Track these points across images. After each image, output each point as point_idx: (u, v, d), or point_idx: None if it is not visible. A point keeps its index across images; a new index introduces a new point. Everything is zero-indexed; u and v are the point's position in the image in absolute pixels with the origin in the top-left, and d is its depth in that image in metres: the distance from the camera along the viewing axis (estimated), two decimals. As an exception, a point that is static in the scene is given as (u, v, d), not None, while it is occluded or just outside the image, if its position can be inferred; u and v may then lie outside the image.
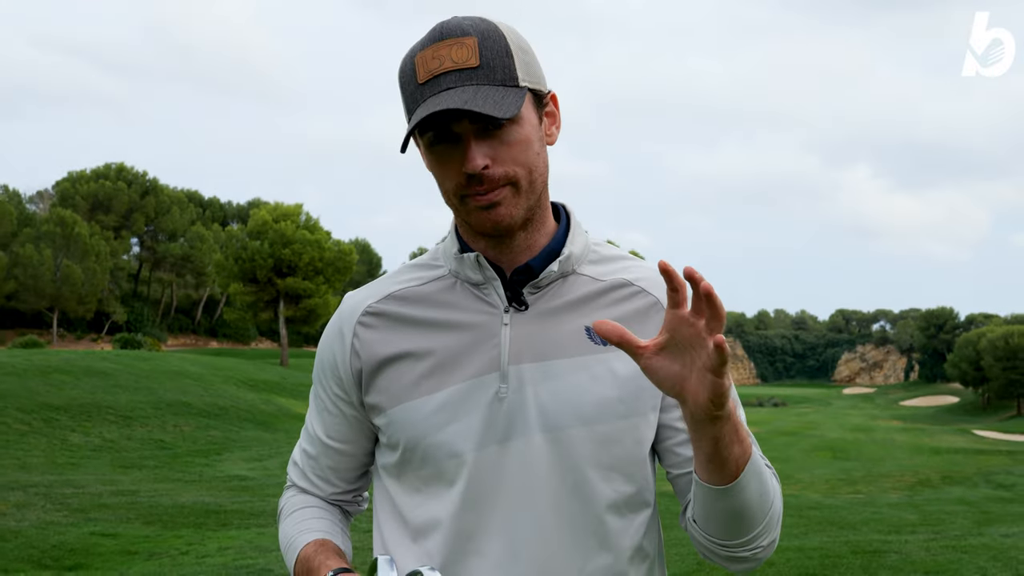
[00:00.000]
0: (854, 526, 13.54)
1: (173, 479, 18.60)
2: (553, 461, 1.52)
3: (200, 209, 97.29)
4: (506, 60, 1.47)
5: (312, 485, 1.76)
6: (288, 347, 66.34)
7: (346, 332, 1.65)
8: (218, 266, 65.25)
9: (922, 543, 11.13)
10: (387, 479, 1.65)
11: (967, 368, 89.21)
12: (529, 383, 1.53)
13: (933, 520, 14.60)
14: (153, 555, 11.07)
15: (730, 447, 1.37)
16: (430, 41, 1.47)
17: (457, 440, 1.54)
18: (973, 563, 9.55)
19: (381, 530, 1.65)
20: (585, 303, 1.58)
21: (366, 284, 1.72)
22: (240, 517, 13.56)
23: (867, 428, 56.47)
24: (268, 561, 10.33)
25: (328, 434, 1.71)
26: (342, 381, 1.66)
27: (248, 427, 28.80)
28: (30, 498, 14.44)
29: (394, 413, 1.59)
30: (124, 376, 30.99)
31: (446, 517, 1.54)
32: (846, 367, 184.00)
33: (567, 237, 1.61)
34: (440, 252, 1.66)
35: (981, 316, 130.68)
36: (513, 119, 1.47)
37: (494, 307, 1.56)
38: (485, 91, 1.43)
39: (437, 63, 1.45)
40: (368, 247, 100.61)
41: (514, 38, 1.50)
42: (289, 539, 1.70)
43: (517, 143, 1.48)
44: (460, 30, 1.47)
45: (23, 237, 71.55)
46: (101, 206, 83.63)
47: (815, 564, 9.57)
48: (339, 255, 64.02)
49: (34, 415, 24.40)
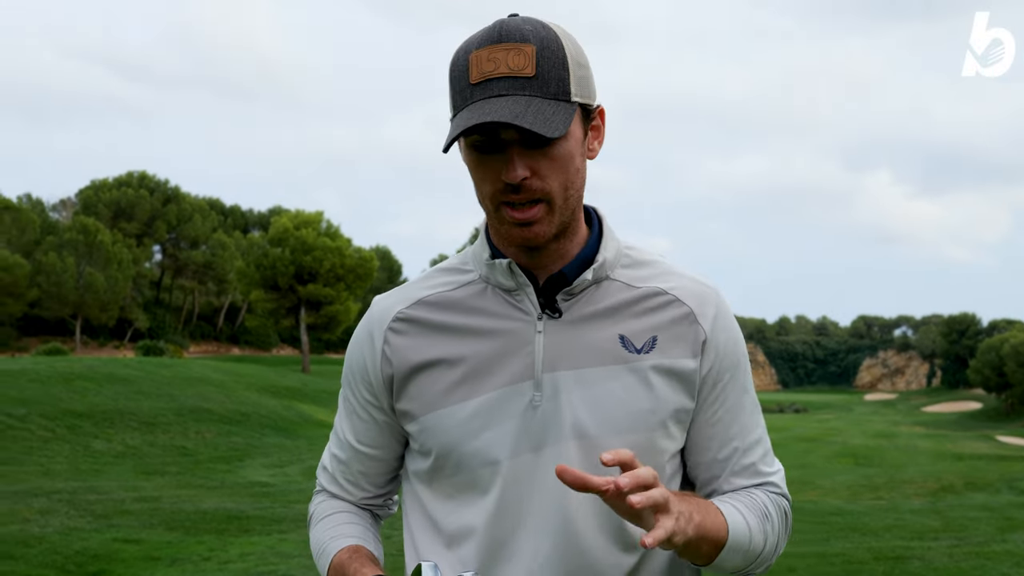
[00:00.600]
0: (876, 532, 13.47)
1: (195, 485, 18.65)
2: (586, 469, 1.48)
3: (222, 216, 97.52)
4: (562, 74, 1.44)
5: (343, 490, 1.76)
6: (309, 353, 66.39)
7: (376, 337, 1.63)
8: (240, 273, 65.44)
9: (945, 549, 11.06)
10: (418, 485, 1.65)
11: (990, 374, 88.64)
12: (563, 391, 1.53)
13: (956, 526, 14.50)
14: (175, 561, 11.11)
15: (698, 550, 1.46)
16: (488, 41, 1.45)
17: (492, 448, 1.53)
18: (996, 569, 9.50)
19: (413, 537, 1.64)
20: (619, 310, 1.57)
21: (394, 288, 1.70)
22: (262, 523, 13.59)
23: (889, 434, 56.18)
24: (290, 567, 10.35)
25: (359, 439, 1.70)
26: (372, 387, 1.64)
27: (269, 434, 28.86)
28: (53, 504, 14.51)
29: (426, 420, 1.58)
30: (146, 383, 31.12)
31: (480, 525, 1.54)
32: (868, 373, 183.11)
33: (600, 243, 1.59)
34: (470, 256, 1.64)
35: (1004, 322, 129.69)
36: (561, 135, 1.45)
37: (527, 314, 1.55)
38: (537, 104, 1.41)
39: (492, 66, 1.43)
40: (389, 254, 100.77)
41: (572, 50, 1.47)
42: (321, 545, 1.69)
43: (559, 159, 1.46)
44: (520, 35, 1.44)
45: (46, 245, 71.85)
46: (123, 214, 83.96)
47: (837, 570, 9.53)
48: (360, 262, 64.09)
49: (57, 422, 24.52)
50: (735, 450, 1.62)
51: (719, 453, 1.62)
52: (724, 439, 1.61)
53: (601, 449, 1.50)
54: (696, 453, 1.63)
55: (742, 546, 1.51)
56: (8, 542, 11.59)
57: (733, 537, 1.49)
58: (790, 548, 11.59)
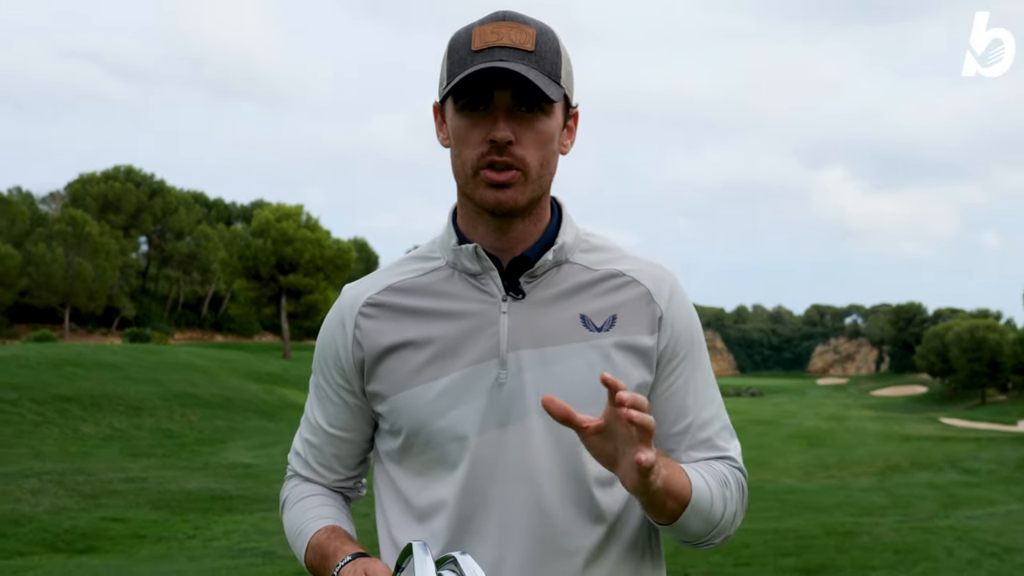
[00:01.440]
0: (828, 509, 13.59)
1: (180, 467, 18.59)
2: (550, 443, 1.52)
3: (206, 209, 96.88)
4: (556, 59, 1.49)
5: (315, 473, 1.74)
6: (290, 340, 66.16)
7: (347, 323, 1.63)
8: (223, 264, 65.07)
9: (892, 525, 11.18)
10: (389, 464, 1.65)
11: (935, 360, 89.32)
12: (527, 369, 1.53)
13: (902, 503, 14.67)
14: (161, 539, 11.08)
15: (663, 505, 1.46)
16: (491, 19, 1.49)
17: (459, 425, 1.53)
18: (940, 544, 9.60)
19: (385, 514, 1.64)
20: (579, 291, 1.58)
21: (364, 276, 1.70)
22: (244, 502, 13.56)
23: (840, 417, 56.60)
24: (271, 544, 10.34)
25: (330, 423, 1.69)
26: (344, 371, 1.64)
27: (252, 417, 28.77)
28: (44, 485, 14.42)
29: (396, 400, 1.58)
30: (133, 368, 30.94)
31: (450, 499, 1.54)
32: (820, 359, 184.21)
33: (559, 228, 1.60)
34: (437, 244, 1.64)
35: (948, 311, 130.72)
36: (545, 111, 1.48)
37: (492, 296, 1.56)
38: (535, 73, 1.44)
39: (496, 37, 1.46)
40: (366, 245, 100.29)
41: (564, 46, 1.53)
42: (297, 527, 1.68)
43: (542, 133, 1.49)
44: (522, 18, 1.49)
45: (36, 236, 71.21)
46: (111, 206, 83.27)
47: (791, 545, 9.60)
48: (338, 253, 63.87)
49: (47, 406, 24.35)
50: (690, 424, 1.62)
51: (674, 427, 1.62)
52: (680, 412, 1.62)
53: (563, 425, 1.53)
54: None
55: (704, 509, 1.51)
56: (1, 521, 11.51)
57: (696, 497, 1.49)
58: (746, 524, 11.68)
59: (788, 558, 8.88)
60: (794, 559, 8.82)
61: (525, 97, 1.46)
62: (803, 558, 8.87)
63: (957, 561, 8.75)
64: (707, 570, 8.40)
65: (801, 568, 8.41)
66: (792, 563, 8.63)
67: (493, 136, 1.45)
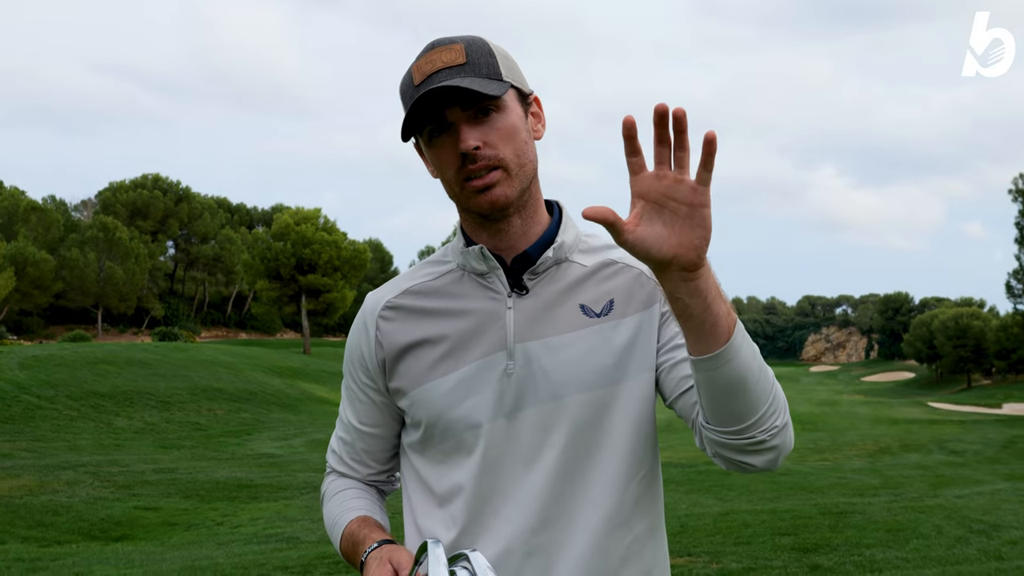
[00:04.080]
0: (822, 490, 13.56)
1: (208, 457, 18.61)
2: (559, 425, 1.54)
3: (229, 214, 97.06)
4: (490, 60, 1.51)
5: (349, 469, 1.79)
6: (310, 337, 66.32)
7: (369, 326, 1.67)
8: (246, 265, 65.24)
9: (883, 504, 11.15)
10: (412, 455, 1.68)
11: (921, 347, 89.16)
12: (534, 359, 1.55)
13: (893, 484, 14.62)
14: (191, 526, 11.09)
15: (717, 303, 1.33)
16: (424, 53, 1.52)
17: (473, 413, 1.56)
18: (929, 521, 9.57)
19: (410, 500, 1.67)
20: (578, 284, 1.60)
21: (385, 283, 1.75)
22: (269, 491, 13.57)
23: (832, 402, 56.57)
24: (295, 530, 10.35)
25: (360, 420, 1.73)
26: (369, 370, 1.68)
27: (275, 409, 28.82)
28: (80, 476, 14.45)
29: (415, 394, 1.61)
30: (163, 366, 31.01)
31: (467, 482, 1.57)
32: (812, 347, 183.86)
33: (559, 228, 1.63)
34: (449, 249, 1.69)
35: (934, 300, 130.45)
36: (500, 108, 1.51)
37: (498, 293, 1.59)
38: (471, 80, 1.46)
39: (430, 65, 1.49)
40: (381, 246, 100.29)
41: (497, 47, 1.55)
42: (333, 519, 1.73)
43: (505, 129, 1.51)
44: (448, 40, 1.52)
45: (69, 242, 71.50)
46: (140, 213, 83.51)
47: (787, 524, 9.58)
48: (355, 254, 63.98)
49: (82, 402, 24.42)
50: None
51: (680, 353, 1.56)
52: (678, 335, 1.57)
53: (571, 408, 1.54)
54: (664, 369, 1.58)
55: (753, 348, 1.41)
56: (39, 511, 11.54)
57: (740, 325, 1.38)
58: (745, 505, 11.66)
59: (785, 537, 8.86)
60: (791, 538, 8.80)
61: (472, 103, 1.48)
62: (799, 537, 8.84)
63: (946, 538, 8.72)
64: (709, 548, 8.38)
65: (798, 547, 8.39)
66: (789, 542, 8.60)
67: (460, 148, 1.48)
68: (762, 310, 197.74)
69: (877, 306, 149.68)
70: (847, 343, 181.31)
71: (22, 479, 13.98)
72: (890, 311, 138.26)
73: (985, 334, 77.09)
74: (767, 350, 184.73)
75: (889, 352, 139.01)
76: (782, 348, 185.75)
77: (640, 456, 1.59)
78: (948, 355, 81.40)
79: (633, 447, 1.58)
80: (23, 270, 61.72)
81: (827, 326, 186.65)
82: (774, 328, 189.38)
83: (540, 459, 1.54)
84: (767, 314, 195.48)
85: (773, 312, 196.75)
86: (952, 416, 43.08)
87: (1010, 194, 54.49)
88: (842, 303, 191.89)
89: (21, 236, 66.08)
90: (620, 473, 1.56)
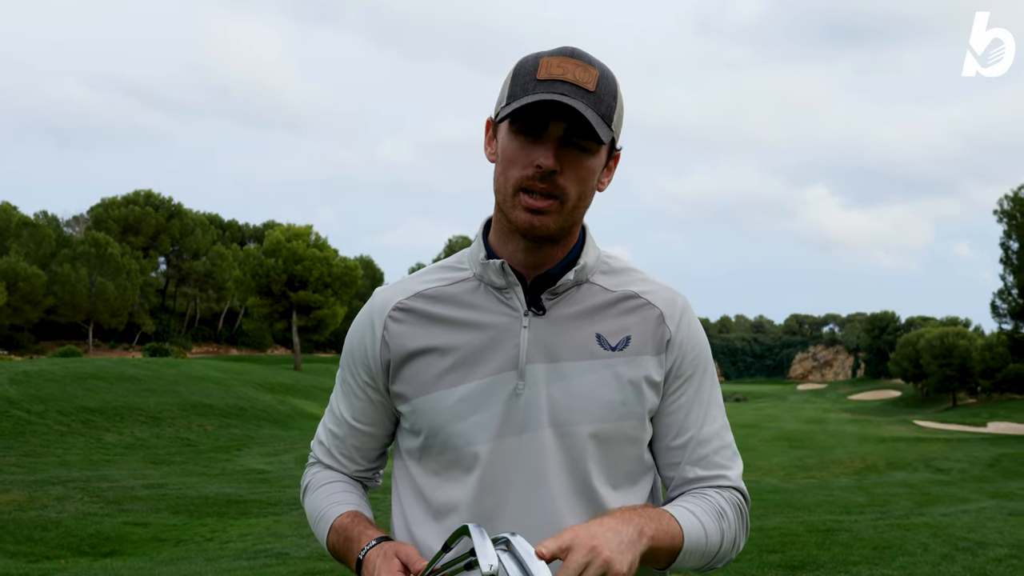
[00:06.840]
0: (809, 508, 13.54)
1: (198, 473, 18.51)
2: (561, 454, 1.52)
3: (220, 230, 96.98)
4: (612, 103, 1.48)
5: (336, 462, 1.75)
6: (301, 353, 66.11)
7: (377, 324, 1.63)
8: (237, 281, 65.20)
9: (870, 522, 11.14)
10: (408, 461, 1.64)
11: (907, 365, 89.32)
12: (543, 382, 1.53)
13: (879, 501, 14.62)
14: (181, 541, 11.02)
15: (654, 558, 1.46)
16: (559, 53, 1.48)
17: (477, 431, 1.53)
18: (916, 539, 9.57)
19: (403, 507, 1.63)
20: (597, 311, 1.58)
21: (393, 282, 1.71)
22: (259, 507, 13.50)
23: (819, 420, 56.55)
24: (284, 546, 10.29)
25: (355, 417, 1.70)
26: (371, 369, 1.64)
27: (265, 425, 28.69)
28: (69, 491, 14.36)
29: (419, 403, 1.58)
30: (153, 381, 30.87)
31: (464, 501, 1.54)
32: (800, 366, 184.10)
33: (582, 249, 1.60)
34: (466, 256, 1.64)
35: (920, 319, 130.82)
36: (592, 150, 1.48)
37: (515, 310, 1.56)
38: (591, 113, 1.43)
39: (560, 71, 1.45)
40: (372, 263, 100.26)
41: (621, 92, 1.52)
42: (320, 511, 1.69)
43: (585, 169, 1.49)
44: (588, 59, 1.48)
45: (61, 257, 71.31)
46: (131, 228, 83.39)
47: (774, 542, 9.57)
48: (345, 271, 63.90)
49: (73, 417, 24.28)
50: (690, 439, 1.61)
51: (675, 440, 1.61)
52: (681, 427, 1.61)
53: (574, 436, 1.52)
54: (656, 440, 1.63)
55: (699, 548, 1.52)
56: (29, 526, 11.46)
57: (689, 541, 1.49)
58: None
59: (772, 554, 8.84)
60: (778, 555, 8.78)
61: (577, 133, 1.45)
62: (787, 554, 8.83)
63: (932, 556, 8.72)
64: (696, 566, 8.36)
65: (785, 564, 8.37)
66: (776, 559, 8.59)
67: (540, 162, 1.45)
68: (750, 328, 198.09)
69: (864, 325, 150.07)
70: (834, 361, 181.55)
71: (11, 494, 13.89)
72: (876, 330, 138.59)
73: (970, 353, 77.31)
74: (755, 368, 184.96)
75: (876, 371, 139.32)
76: (770, 366, 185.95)
77: (641, 488, 1.61)
78: (934, 374, 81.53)
79: (634, 478, 1.59)
80: (14, 285, 61.57)
81: (815, 344, 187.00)
82: (762, 346, 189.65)
83: (543, 483, 1.52)
84: (755, 332, 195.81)
85: (761, 330, 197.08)
86: (938, 434, 43.11)
87: (995, 215, 54.83)
88: (829, 322, 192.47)
89: (13, 251, 65.99)
90: (621, 500, 1.57)
